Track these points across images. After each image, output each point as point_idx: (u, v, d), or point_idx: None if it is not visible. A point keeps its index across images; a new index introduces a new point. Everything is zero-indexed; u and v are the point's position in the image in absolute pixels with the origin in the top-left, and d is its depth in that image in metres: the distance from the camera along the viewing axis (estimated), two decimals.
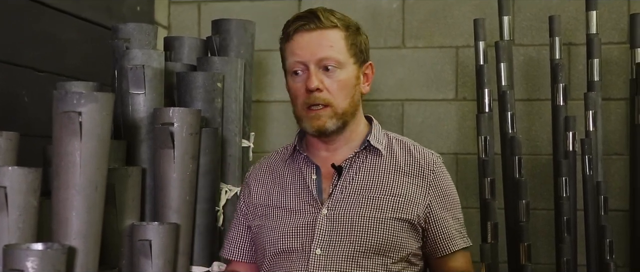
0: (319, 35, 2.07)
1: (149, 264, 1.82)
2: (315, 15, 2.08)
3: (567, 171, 3.08)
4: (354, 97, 2.11)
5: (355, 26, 2.13)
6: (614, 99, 3.43)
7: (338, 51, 2.07)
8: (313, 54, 2.05)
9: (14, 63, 2.69)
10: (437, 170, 2.17)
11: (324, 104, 2.06)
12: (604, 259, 3.01)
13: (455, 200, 2.21)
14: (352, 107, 2.11)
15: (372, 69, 2.18)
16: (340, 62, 2.07)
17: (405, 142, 2.22)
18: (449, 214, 2.17)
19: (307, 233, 2.07)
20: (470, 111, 3.50)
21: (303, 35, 2.07)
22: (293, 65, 2.08)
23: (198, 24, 3.81)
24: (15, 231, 1.49)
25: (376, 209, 2.08)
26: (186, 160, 1.98)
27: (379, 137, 2.17)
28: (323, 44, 2.06)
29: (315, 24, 2.06)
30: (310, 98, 2.05)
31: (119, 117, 2.13)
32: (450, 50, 3.59)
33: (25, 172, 1.51)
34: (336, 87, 2.06)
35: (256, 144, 2.56)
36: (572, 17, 3.47)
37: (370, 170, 2.13)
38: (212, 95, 2.20)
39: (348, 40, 2.09)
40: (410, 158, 2.17)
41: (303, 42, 2.07)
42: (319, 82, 2.04)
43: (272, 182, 2.19)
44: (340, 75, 2.07)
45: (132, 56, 2.13)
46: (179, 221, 1.96)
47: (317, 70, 2.05)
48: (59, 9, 2.92)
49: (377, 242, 2.05)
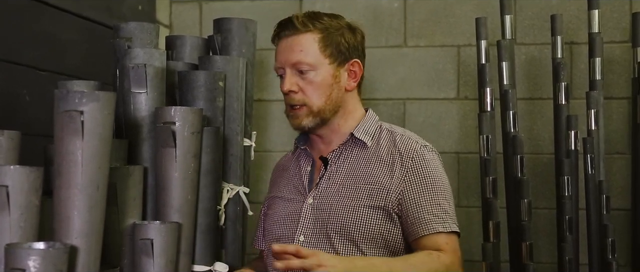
0: (292, 41, 2.24)
1: (151, 263, 1.82)
2: (290, 21, 2.26)
3: (569, 170, 3.08)
4: (332, 95, 2.25)
5: (338, 27, 2.26)
6: (616, 98, 3.42)
7: (309, 54, 2.22)
8: (287, 59, 2.24)
9: (15, 62, 2.68)
10: (416, 157, 2.23)
11: (301, 104, 2.24)
12: (606, 258, 3.01)
13: (435, 185, 2.21)
14: (331, 104, 2.26)
15: (360, 66, 2.30)
16: (312, 65, 2.22)
17: (395, 133, 2.30)
18: (425, 199, 2.19)
19: (293, 220, 2.26)
20: (472, 110, 3.50)
21: (282, 41, 2.27)
22: (275, 69, 2.30)
23: (199, 23, 3.81)
24: (16, 230, 1.49)
25: (353, 197, 2.21)
26: (188, 159, 1.97)
27: (368, 128, 2.30)
28: (295, 48, 2.23)
29: (289, 30, 2.25)
30: (288, 99, 2.26)
31: (120, 116, 2.13)
32: (451, 49, 3.59)
33: (26, 171, 1.50)
34: (310, 88, 2.23)
35: (258, 143, 2.56)
36: (574, 16, 3.47)
37: (354, 161, 2.27)
38: (213, 94, 2.20)
39: (322, 43, 2.23)
40: (392, 148, 2.26)
41: (281, 47, 2.27)
42: (292, 85, 2.23)
43: (281, 175, 2.43)
44: (314, 76, 2.23)
45: (134, 55, 2.12)
46: (181, 220, 1.96)
47: (293, 73, 2.24)
48: (60, 8, 2.92)
49: (352, 229, 2.18)
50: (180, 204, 1.98)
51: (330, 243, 2.19)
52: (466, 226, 3.58)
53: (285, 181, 2.39)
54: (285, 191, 2.36)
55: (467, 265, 3.55)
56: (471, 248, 3.41)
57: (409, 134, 2.31)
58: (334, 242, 2.18)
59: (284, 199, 2.34)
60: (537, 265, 3.15)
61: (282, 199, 2.35)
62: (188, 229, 2.00)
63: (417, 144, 2.26)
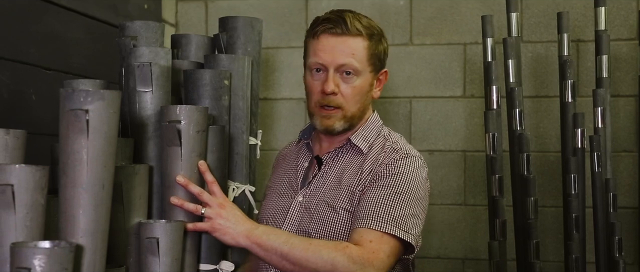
0: (343, 42, 2.17)
1: (157, 262, 1.82)
2: (343, 20, 2.17)
3: (575, 168, 3.07)
4: (365, 102, 2.24)
5: (379, 34, 2.23)
6: (623, 96, 3.41)
7: (358, 60, 2.17)
8: (334, 59, 2.17)
9: (21, 61, 2.69)
10: (390, 164, 2.14)
11: (336, 107, 2.19)
12: (613, 256, 3.00)
13: (394, 190, 2.09)
14: (361, 111, 2.24)
15: (386, 75, 2.29)
16: (358, 70, 2.18)
17: (387, 140, 2.25)
18: (375, 198, 2.08)
19: (281, 216, 2.25)
20: (478, 108, 3.50)
21: (328, 38, 2.18)
22: (314, 64, 2.20)
23: (205, 21, 3.81)
24: (22, 229, 1.49)
25: (335, 200, 2.18)
26: (193, 158, 1.97)
27: (367, 134, 2.26)
28: (345, 51, 2.17)
29: (341, 29, 2.16)
30: (325, 99, 2.19)
31: (126, 115, 2.13)
32: (457, 47, 3.59)
33: (32, 170, 1.50)
34: (350, 92, 2.18)
35: (264, 142, 2.56)
36: (581, 13, 3.46)
37: (347, 165, 2.23)
38: (219, 93, 2.20)
39: (369, 50, 2.19)
40: (377, 154, 2.21)
41: (327, 45, 2.18)
42: (335, 86, 2.16)
43: (279, 165, 2.43)
44: (356, 82, 2.19)
45: (139, 54, 2.12)
46: (187, 219, 1.96)
47: (335, 74, 2.17)
48: (66, 7, 2.92)
49: (331, 232, 2.14)
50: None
51: None
52: (472, 224, 3.58)
53: (281, 172, 2.38)
54: (280, 184, 2.35)
55: (473, 263, 3.55)
56: (477, 246, 3.41)
57: (402, 143, 2.24)
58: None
59: (277, 193, 2.34)
60: (543, 263, 3.14)
61: (276, 193, 2.35)
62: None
63: (398, 153, 2.18)
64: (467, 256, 3.56)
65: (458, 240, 3.60)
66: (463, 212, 3.57)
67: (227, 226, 1.97)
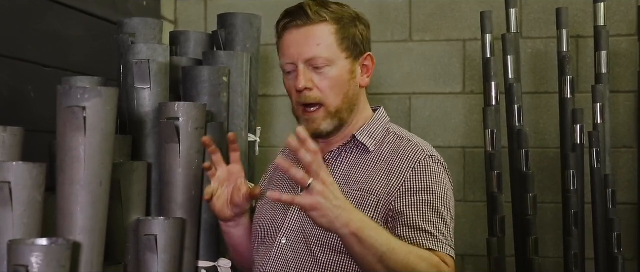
0: (306, 32, 1.98)
1: (155, 259, 1.82)
2: (302, 10, 1.99)
3: (574, 164, 3.07)
4: (349, 92, 2.01)
5: (351, 17, 2.02)
6: (622, 92, 3.41)
7: (326, 48, 1.97)
8: (300, 53, 1.97)
9: (19, 59, 2.69)
10: (418, 167, 1.97)
11: (317, 103, 1.99)
12: (612, 252, 3.00)
13: (432, 200, 1.94)
14: (347, 103, 2.02)
15: (372, 60, 2.07)
16: (329, 60, 1.97)
17: (402, 138, 2.06)
18: (417, 213, 1.92)
19: (278, 221, 2.03)
20: (478, 104, 3.49)
21: (291, 32, 2.00)
22: (284, 65, 2.02)
23: (204, 18, 3.81)
24: (20, 226, 1.49)
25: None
26: (192, 155, 1.97)
27: (373, 131, 2.07)
28: (310, 42, 1.97)
29: (302, 20, 1.98)
30: (302, 97, 1.99)
31: (124, 112, 2.13)
32: (457, 43, 3.59)
33: (29, 167, 1.50)
34: (327, 85, 1.98)
35: (262, 139, 2.56)
36: (580, 9, 3.46)
37: (352, 165, 2.03)
38: (218, 90, 2.20)
39: (339, 35, 1.99)
40: (395, 155, 2.01)
41: (291, 40, 1.99)
42: (307, 82, 1.97)
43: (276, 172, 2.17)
44: (330, 72, 1.98)
45: (137, 51, 2.12)
46: (185, 216, 1.96)
47: (306, 69, 1.98)
48: (65, 5, 2.92)
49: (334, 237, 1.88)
50: (184, 199, 1.98)
51: (309, 250, 1.97)
52: (472, 221, 3.58)
53: (277, 177, 2.15)
54: (281, 184, 2.10)
55: (473, 260, 3.55)
56: (476, 243, 3.41)
57: (417, 140, 2.05)
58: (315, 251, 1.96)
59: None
60: (542, 259, 3.14)
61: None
62: (192, 225, 2.00)
63: (424, 153, 2.00)
64: (467, 252, 3.56)
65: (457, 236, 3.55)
66: (462, 208, 3.57)
67: (328, 208, 1.71)
